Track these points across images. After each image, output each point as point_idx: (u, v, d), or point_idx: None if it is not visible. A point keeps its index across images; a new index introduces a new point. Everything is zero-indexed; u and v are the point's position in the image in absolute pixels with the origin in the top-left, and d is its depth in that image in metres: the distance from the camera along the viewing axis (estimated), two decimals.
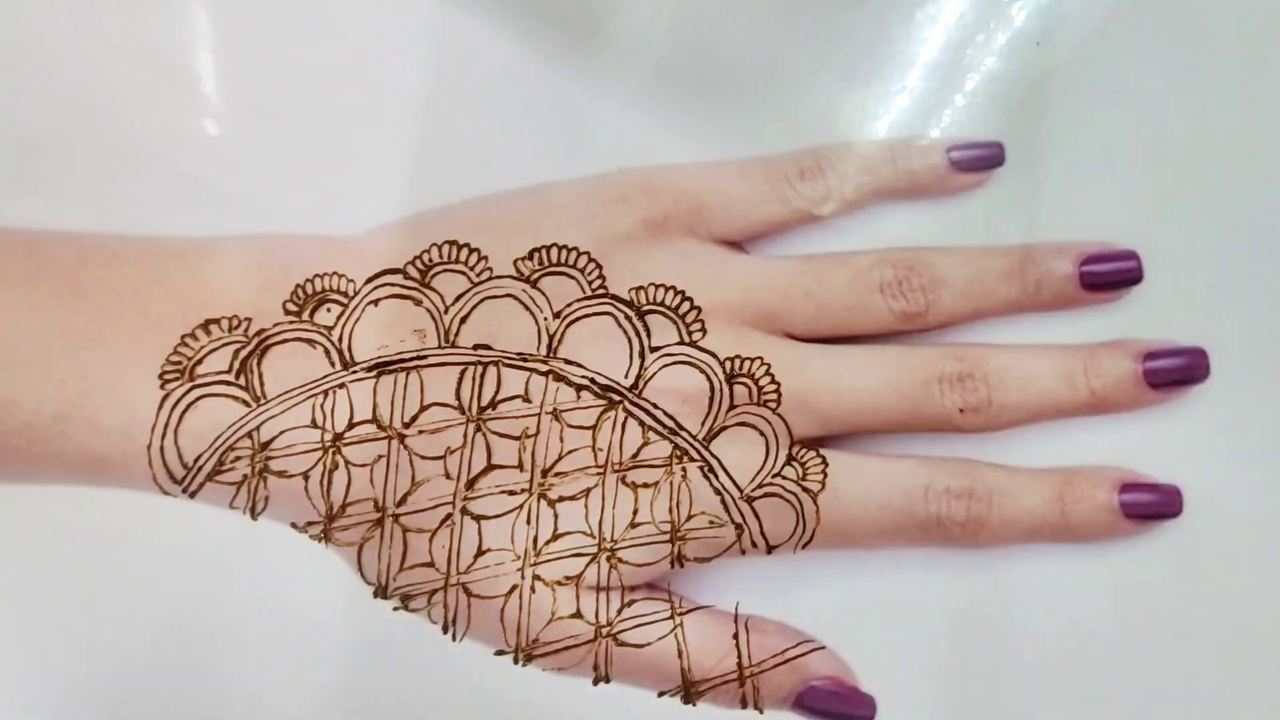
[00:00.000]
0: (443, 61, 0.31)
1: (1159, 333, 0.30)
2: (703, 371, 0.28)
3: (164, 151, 0.31)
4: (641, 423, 0.28)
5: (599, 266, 0.28)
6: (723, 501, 0.28)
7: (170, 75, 0.31)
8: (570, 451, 0.28)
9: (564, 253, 0.28)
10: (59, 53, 0.31)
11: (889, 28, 0.31)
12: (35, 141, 0.30)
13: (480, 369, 0.27)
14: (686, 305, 0.28)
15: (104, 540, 0.30)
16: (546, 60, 0.31)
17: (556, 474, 0.28)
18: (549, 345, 0.28)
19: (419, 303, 0.28)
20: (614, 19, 0.31)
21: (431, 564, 0.27)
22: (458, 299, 0.28)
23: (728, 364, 0.28)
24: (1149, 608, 0.30)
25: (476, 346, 0.28)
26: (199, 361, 0.27)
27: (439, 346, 0.28)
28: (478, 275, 0.28)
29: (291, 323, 0.27)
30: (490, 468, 0.27)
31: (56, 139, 0.30)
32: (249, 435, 0.27)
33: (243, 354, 0.27)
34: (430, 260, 0.28)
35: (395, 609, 0.28)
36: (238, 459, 0.27)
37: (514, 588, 0.27)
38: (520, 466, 0.27)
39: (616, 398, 0.28)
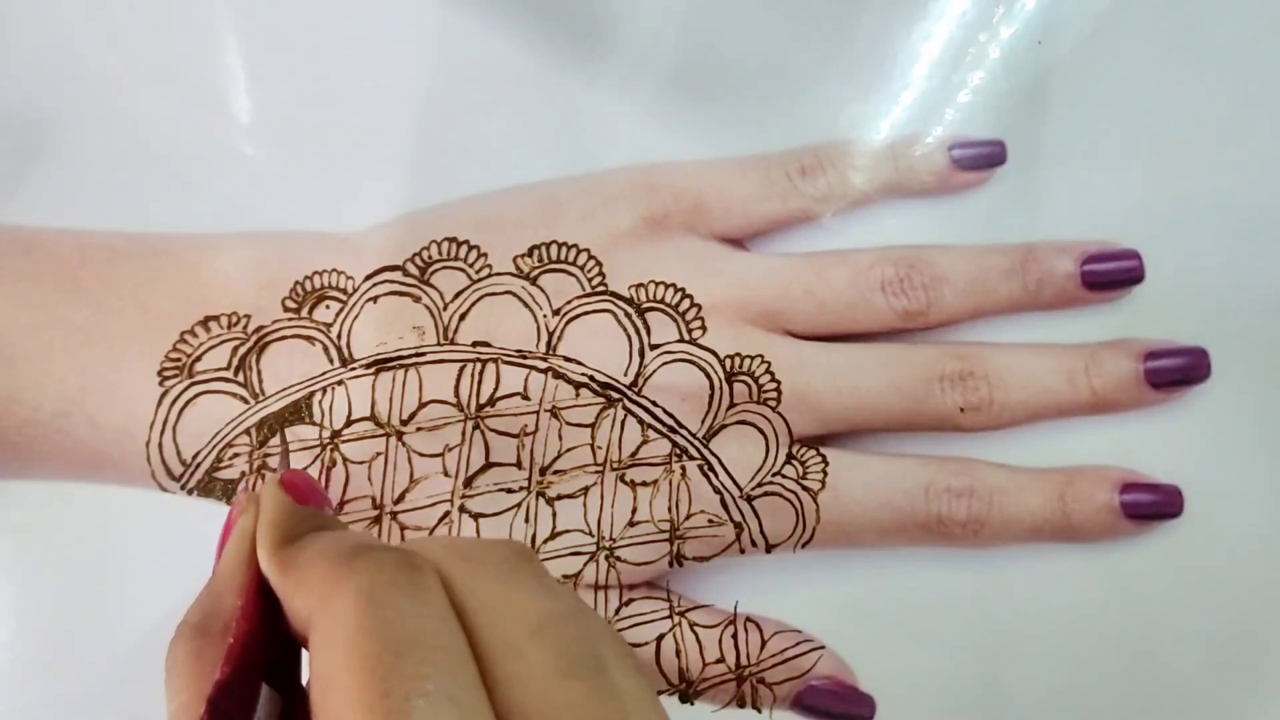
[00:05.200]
0: (445, 63, 0.31)
1: (1160, 332, 0.30)
2: (702, 369, 0.28)
3: (167, 150, 0.31)
4: (641, 421, 0.28)
5: (599, 264, 0.28)
6: (722, 500, 0.28)
7: (174, 77, 0.31)
8: (569, 449, 0.27)
9: (564, 250, 0.28)
10: (74, 56, 0.31)
11: (892, 28, 0.31)
12: (47, 143, 0.30)
13: (479, 366, 0.27)
14: (686, 303, 0.28)
15: (102, 537, 0.30)
16: (550, 62, 0.31)
17: (555, 472, 0.27)
18: (548, 342, 0.28)
19: (418, 300, 0.28)
20: (617, 20, 0.31)
21: None
22: (457, 296, 0.28)
23: (728, 362, 0.28)
24: (1149, 607, 0.30)
25: (475, 344, 0.28)
26: (198, 358, 0.27)
27: (438, 343, 0.28)
28: (477, 272, 0.28)
29: (290, 319, 0.27)
30: (489, 465, 0.27)
31: (68, 140, 0.31)
32: (247, 432, 0.27)
33: (241, 351, 0.27)
34: (429, 257, 0.28)
35: None
36: (236, 456, 0.27)
37: None
38: (519, 464, 0.27)
39: (616, 395, 0.28)
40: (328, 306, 0.28)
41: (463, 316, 0.28)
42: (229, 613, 0.18)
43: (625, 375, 0.28)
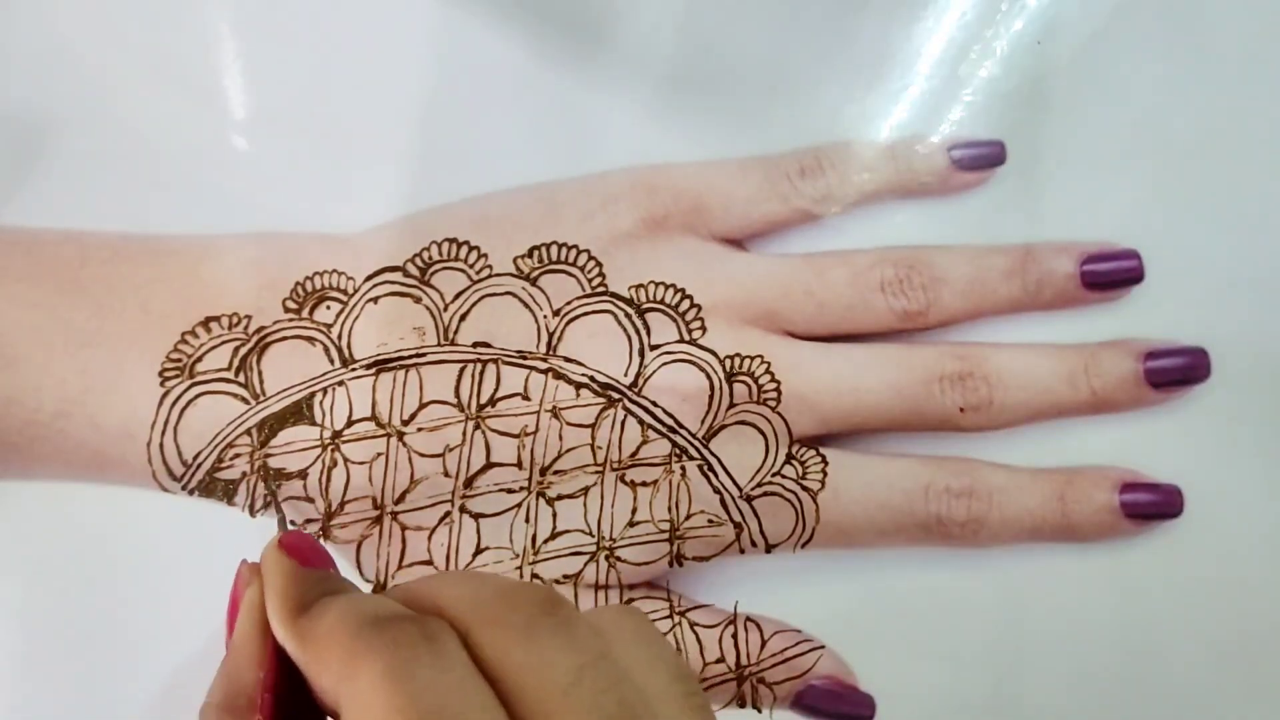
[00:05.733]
0: (445, 63, 0.31)
1: (1160, 332, 0.30)
2: (702, 370, 0.28)
3: (168, 151, 0.31)
4: (641, 421, 0.28)
5: (599, 264, 0.28)
6: (722, 500, 0.28)
7: (175, 77, 0.31)
8: (569, 449, 0.28)
9: (564, 250, 0.28)
10: (75, 57, 0.31)
11: (892, 29, 0.31)
12: (48, 144, 0.31)
13: (479, 367, 0.27)
14: (686, 303, 0.28)
15: (102, 537, 0.30)
16: (550, 63, 0.31)
17: (555, 472, 0.28)
18: (548, 343, 0.28)
19: (419, 300, 0.28)
20: (618, 21, 0.31)
21: (430, 562, 0.27)
22: (457, 297, 0.28)
23: (727, 362, 0.28)
24: (1149, 607, 0.30)
25: (476, 344, 0.28)
26: (199, 359, 0.27)
27: (438, 344, 0.28)
28: (477, 273, 0.28)
29: (291, 320, 0.27)
30: (489, 465, 0.27)
31: (68, 140, 0.31)
32: (248, 432, 0.27)
33: (242, 351, 0.27)
34: (430, 258, 0.28)
35: None
36: (237, 456, 0.27)
37: None
38: (519, 464, 0.27)
39: (616, 396, 0.28)
40: (328, 307, 0.28)
41: (463, 317, 0.28)
42: (251, 687, 0.18)
43: (625, 376, 0.28)
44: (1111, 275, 0.29)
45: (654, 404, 0.28)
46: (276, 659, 0.18)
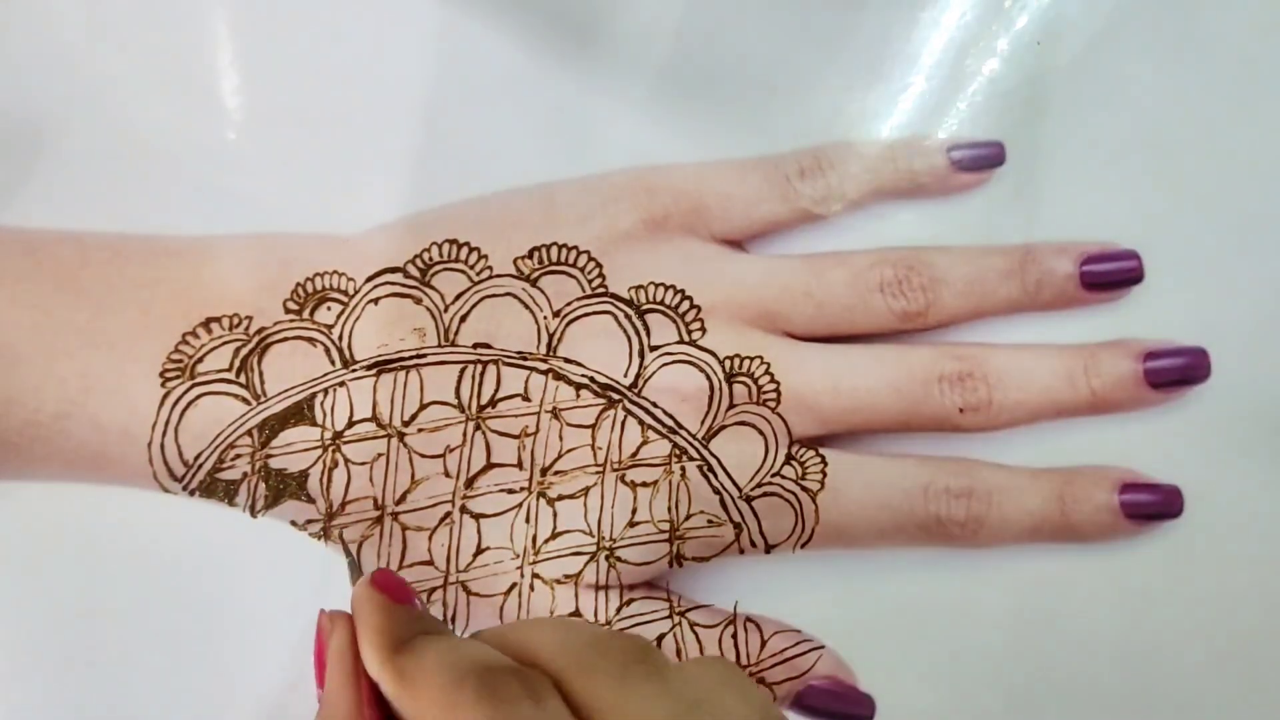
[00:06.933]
0: (445, 63, 0.31)
1: (1159, 333, 0.30)
2: (702, 370, 0.28)
3: (167, 151, 0.31)
4: (641, 421, 0.28)
5: (599, 265, 0.28)
6: (721, 500, 0.28)
7: (174, 77, 0.31)
8: (569, 450, 0.28)
9: (564, 251, 0.28)
10: (74, 57, 0.31)
11: (891, 29, 0.31)
12: (47, 144, 0.31)
13: (480, 367, 0.28)
14: (686, 304, 0.28)
15: (103, 538, 0.30)
16: (549, 62, 0.31)
17: (556, 472, 0.28)
18: (549, 344, 0.28)
19: (419, 301, 0.28)
20: (617, 20, 0.31)
21: (431, 562, 0.27)
22: (458, 298, 0.28)
23: (727, 363, 0.28)
24: (1149, 608, 0.30)
25: (476, 345, 0.28)
26: (200, 360, 0.27)
27: (439, 345, 0.28)
28: (478, 274, 0.28)
29: (292, 321, 0.27)
30: (489, 466, 0.27)
31: (68, 140, 0.31)
32: (249, 433, 0.27)
33: (243, 352, 0.27)
34: (430, 259, 0.28)
35: None
36: (238, 457, 0.27)
37: (513, 586, 0.27)
38: (519, 465, 0.27)
39: (616, 396, 0.28)
40: (329, 308, 0.28)
41: (463, 318, 0.28)
42: None
43: (625, 376, 0.28)
44: (1111, 275, 0.29)
45: (654, 404, 0.28)
46: (376, 707, 0.19)
